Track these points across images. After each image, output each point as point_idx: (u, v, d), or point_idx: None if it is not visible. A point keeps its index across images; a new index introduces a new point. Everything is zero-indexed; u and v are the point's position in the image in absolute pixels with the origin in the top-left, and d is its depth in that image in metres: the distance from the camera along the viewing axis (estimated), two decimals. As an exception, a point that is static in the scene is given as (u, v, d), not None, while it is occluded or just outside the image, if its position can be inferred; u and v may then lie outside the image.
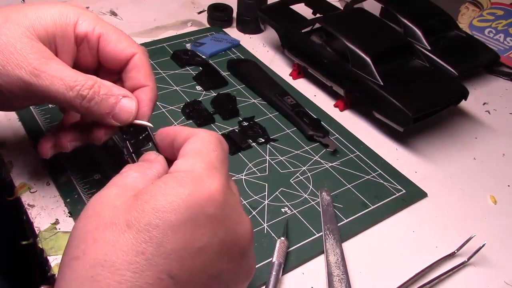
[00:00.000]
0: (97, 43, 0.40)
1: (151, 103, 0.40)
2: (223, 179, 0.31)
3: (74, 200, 0.45)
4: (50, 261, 0.41)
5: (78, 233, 0.29)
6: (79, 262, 0.28)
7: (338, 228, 0.45)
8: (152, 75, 0.41)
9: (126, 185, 0.31)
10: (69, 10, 0.39)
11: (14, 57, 0.36)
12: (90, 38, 0.40)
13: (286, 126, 0.57)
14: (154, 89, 0.41)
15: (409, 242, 0.46)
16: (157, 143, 0.37)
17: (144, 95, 0.40)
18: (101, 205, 0.30)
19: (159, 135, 0.37)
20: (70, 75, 0.37)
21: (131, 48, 0.40)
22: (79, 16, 0.39)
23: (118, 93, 0.38)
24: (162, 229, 0.27)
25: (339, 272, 0.42)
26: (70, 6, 0.40)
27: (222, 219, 0.30)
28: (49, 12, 0.38)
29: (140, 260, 0.27)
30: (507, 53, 0.72)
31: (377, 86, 0.55)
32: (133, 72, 0.41)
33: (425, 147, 0.57)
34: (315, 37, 0.63)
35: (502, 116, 0.64)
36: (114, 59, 0.41)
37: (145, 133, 0.40)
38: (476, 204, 0.51)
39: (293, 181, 0.50)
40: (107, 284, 0.26)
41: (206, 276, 0.29)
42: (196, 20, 0.78)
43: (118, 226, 0.28)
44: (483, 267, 0.45)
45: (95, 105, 0.37)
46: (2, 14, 0.37)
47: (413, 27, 0.67)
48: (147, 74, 0.41)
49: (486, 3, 0.77)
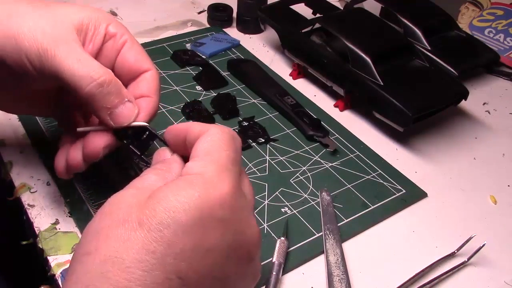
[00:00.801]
0: (120, 48, 0.41)
1: (151, 111, 0.40)
2: (234, 181, 0.31)
3: (74, 200, 0.45)
4: (50, 261, 0.41)
5: (92, 229, 0.30)
6: (91, 257, 0.28)
7: (338, 228, 0.45)
8: (159, 92, 0.41)
9: (144, 187, 0.32)
10: (105, 13, 0.41)
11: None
12: (117, 40, 0.41)
13: (286, 126, 0.57)
14: (156, 102, 0.41)
15: (409, 242, 0.46)
16: (167, 141, 0.37)
17: (145, 104, 0.40)
18: (117, 204, 0.30)
19: (170, 133, 0.37)
20: (88, 58, 0.37)
21: (148, 64, 0.41)
22: (113, 20, 0.41)
23: (125, 95, 0.38)
24: (173, 229, 0.28)
25: (339, 272, 0.42)
26: (105, 12, 0.42)
27: (231, 222, 0.30)
28: (86, 10, 0.40)
29: (150, 259, 0.27)
30: (507, 53, 0.72)
31: (377, 86, 0.55)
32: (142, 84, 0.41)
33: (425, 147, 0.57)
34: (315, 37, 0.63)
35: (502, 116, 0.64)
36: (130, 67, 0.41)
37: (146, 132, 0.40)
38: (476, 204, 0.51)
39: (293, 181, 0.50)
40: (116, 281, 0.27)
41: (213, 278, 0.30)
42: (196, 20, 0.78)
43: (131, 223, 0.28)
44: (483, 267, 0.45)
45: (100, 94, 0.37)
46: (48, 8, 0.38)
47: (413, 27, 0.67)
48: (154, 89, 0.41)
49: (486, 3, 0.77)
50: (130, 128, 0.39)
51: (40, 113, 0.50)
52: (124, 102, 0.38)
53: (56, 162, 0.41)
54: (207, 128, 0.34)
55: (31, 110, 0.46)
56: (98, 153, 0.38)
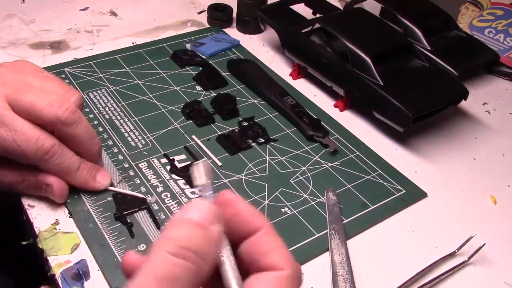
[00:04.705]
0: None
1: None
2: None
3: (74, 201, 0.45)
4: (50, 261, 0.41)
5: None
6: None
7: (343, 228, 0.45)
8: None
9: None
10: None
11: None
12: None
13: (286, 126, 0.57)
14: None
15: (409, 242, 0.46)
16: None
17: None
18: None
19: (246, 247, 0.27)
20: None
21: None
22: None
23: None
24: None
25: (343, 272, 0.42)
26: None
27: None
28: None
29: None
30: (507, 53, 0.72)
31: (377, 86, 0.55)
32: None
33: (425, 147, 0.57)
34: (315, 37, 0.63)
35: (502, 116, 0.64)
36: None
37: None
38: (476, 204, 0.51)
39: (293, 181, 0.50)
40: None
41: None
42: (196, 20, 0.78)
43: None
44: (483, 267, 0.45)
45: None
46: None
47: (413, 27, 0.67)
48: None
49: (486, 3, 0.77)
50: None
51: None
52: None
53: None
54: (279, 259, 0.26)
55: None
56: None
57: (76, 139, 0.43)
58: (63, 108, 0.41)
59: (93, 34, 0.71)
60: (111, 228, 0.44)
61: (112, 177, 0.47)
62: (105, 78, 0.62)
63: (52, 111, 0.40)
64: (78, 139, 0.43)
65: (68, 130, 0.42)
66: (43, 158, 0.41)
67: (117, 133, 0.54)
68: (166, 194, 0.47)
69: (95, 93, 0.59)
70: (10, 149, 0.40)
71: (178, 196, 0.47)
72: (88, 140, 0.44)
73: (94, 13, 0.76)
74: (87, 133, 0.44)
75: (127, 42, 0.69)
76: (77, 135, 0.43)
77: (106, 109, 0.57)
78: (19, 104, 0.40)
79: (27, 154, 0.41)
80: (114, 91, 0.60)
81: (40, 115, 0.40)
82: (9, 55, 0.65)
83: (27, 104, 0.40)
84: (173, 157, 0.51)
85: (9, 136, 0.40)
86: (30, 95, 0.40)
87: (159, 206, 0.46)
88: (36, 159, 0.41)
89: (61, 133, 0.42)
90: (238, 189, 0.49)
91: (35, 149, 0.40)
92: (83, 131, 0.43)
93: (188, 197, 0.47)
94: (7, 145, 0.40)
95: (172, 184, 0.48)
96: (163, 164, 0.50)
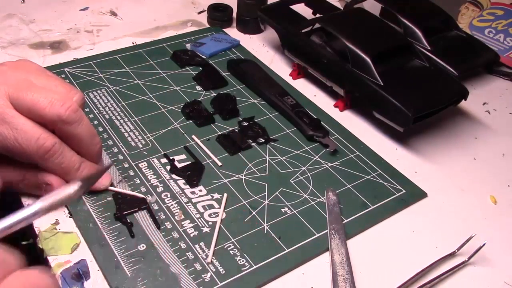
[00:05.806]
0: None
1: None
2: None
3: (74, 201, 0.45)
4: (50, 261, 0.41)
5: None
6: None
7: (343, 228, 0.45)
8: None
9: None
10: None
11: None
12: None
13: (286, 126, 0.57)
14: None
15: (409, 242, 0.46)
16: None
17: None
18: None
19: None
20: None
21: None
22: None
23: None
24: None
25: (343, 272, 0.42)
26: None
27: None
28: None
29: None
30: (507, 53, 0.72)
31: (377, 86, 0.55)
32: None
33: (425, 147, 0.57)
34: (315, 37, 0.63)
35: (502, 116, 0.64)
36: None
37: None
38: (476, 204, 0.51)
39: (293, 181, 0.50)
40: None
41: None
42: (196, 20, 0.78)
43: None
44: (483, 267, 0.45)
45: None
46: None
47: (413, 27, 0.67)
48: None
49: (486, 3, 0.77)
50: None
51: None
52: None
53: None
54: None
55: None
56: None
57: (77, 138, 0.43)
58: (65, 107, 0.41)
59: (93, 34, 0.71)
60: (111, 228, 0.44)
61: (112, 177, 0.47)
62: (105, 78, 0.62)
63: (53, 110, 0.40)
64: (79, 138, 0.43)
65: (69, 129, 0.42)
66: (44, 157, 0.41)
67: (117, 133, 0.54)
68: (166, 194, 0.47)
69: (95, 93, 0.59)
70: (11, 147, 0.40)
71: (178, 196, 0.47)
72: (89, 140, 0.44)
73: (94, 13, 0.76)
74: (88, 133, 0.44)
75: (127, 42, 0.69)
76: (78, 134, 0.43)
77: (106, 109, 0.57)
78: (21, 102, 0.40)
79: (27, 152, 0.41)
80: (114, 91, 0.60)
81: (41, 114, 0.40)
82: (9, 55, 0.65)
83: (29, 102, 0.40)
84: (173, 157, 0.51)
85: (10, 134, 0.40)
86: (32, 93, 0.40)
87: (159, 206, 0.46)
88: (36, 158, 0.41)
89: (62, 132, 0.42)
90: (238, 189, 0.49)
91: (36, 147, 0.40)
92: (84, 131, 0.43)
93: (188, 197, 0.47)
94: (8, 143, 0.40)
95: (172, 184, 0.48)
96: (163, 164, 0.50)
